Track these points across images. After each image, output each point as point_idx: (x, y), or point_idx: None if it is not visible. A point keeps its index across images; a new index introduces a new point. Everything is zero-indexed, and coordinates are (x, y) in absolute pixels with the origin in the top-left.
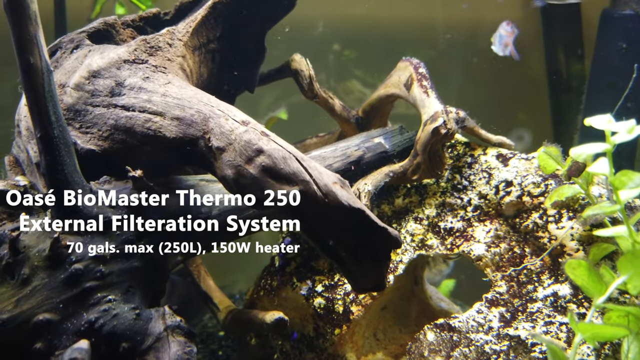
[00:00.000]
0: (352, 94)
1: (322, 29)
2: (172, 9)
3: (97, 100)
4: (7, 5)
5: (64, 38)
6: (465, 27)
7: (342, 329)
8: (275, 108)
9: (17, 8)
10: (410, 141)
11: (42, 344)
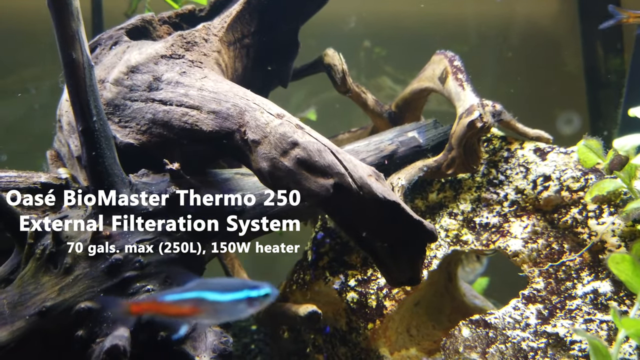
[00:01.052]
0: (383, 91)
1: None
2: (207, 5)
3: (136, 94)
4: (50, 2)
5: (103, 35)
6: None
7: (375, 324)
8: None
9: (60, 5)
10: (445, 135)
11: (84, 331)
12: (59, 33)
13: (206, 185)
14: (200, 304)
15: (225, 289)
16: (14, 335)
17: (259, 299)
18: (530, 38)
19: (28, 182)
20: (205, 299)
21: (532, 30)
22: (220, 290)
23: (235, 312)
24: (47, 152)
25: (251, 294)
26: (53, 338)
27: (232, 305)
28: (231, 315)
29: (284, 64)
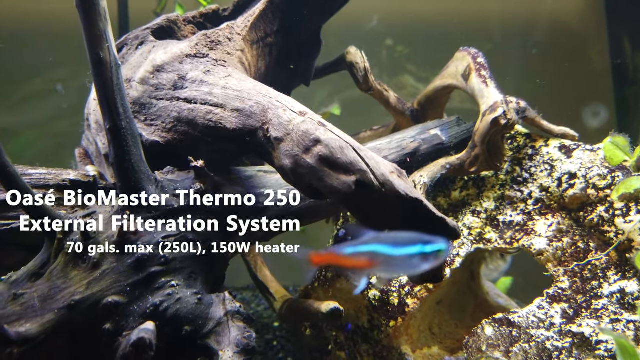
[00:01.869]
0: (405, 89)
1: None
2: (231, 5)
3: (161, 93)
4: (79, 3)
5: (129, 35)
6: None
7: (397, 322)
8: (328, 103)
9: (88, 5)
10: (468, 133)
11: (111, 325)
12: (87, 33)
13: (230, 182)
14: (375, 258)
15: (399, 243)
16: (44, 327)
17: (433, 255)
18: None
19: (57, 179)
20: (379, 253)
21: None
22: (394, 244)
23: (409, 267)
24: (75, 150)
25: (425, 249)
26: (81, 331)
27: (406, 260)
28: (405, 269)
29: (307, 62)
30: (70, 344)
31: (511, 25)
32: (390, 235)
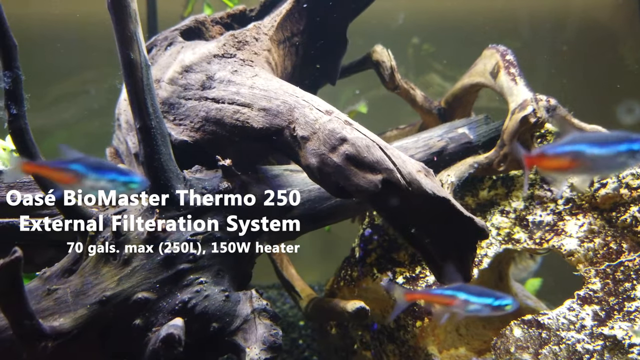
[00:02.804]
0: (432, 88)
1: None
2: (258, 5)
3: (189, 93)
4: (110, 5)
5: (158, 36)
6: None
7: (423, 322)
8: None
9: (119, 6)
10: (497, 131)
11: (141, 320)
12: (118, 34)
13: (256, 181)
14: (579, 157)
15: (604, 141)
16: (77, 322)
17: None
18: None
19: None
20: (584, 152)
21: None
22: (599, 143)
23: (615, 165)
24: (106, 150)
25: (634, 146)
26: (112, 326)
27: (612, 158)
28: (610, 168)
29: (333, 61)
30: (101, 339)
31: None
32: (592, 135)
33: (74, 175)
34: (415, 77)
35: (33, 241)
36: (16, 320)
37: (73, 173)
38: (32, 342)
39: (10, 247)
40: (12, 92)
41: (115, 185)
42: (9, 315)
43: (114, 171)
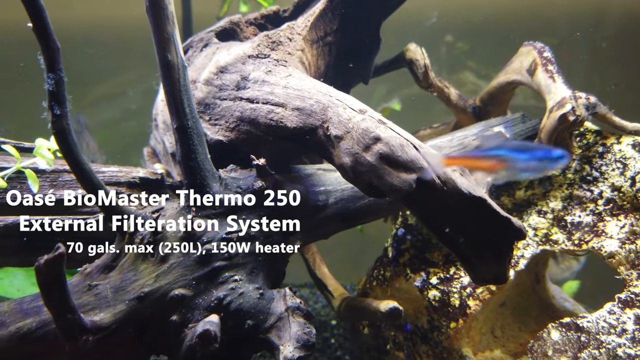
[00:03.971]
0: (466, 86)
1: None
2: (291, 6)
3: (225, 94)
4: (149, 8)
5: (194, 37)
6: (591, 10)
7: (458, 323)
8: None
9: (157, 9)
10: (534, 130)
11: (178, 317)
12: (156, 36)
13: (290, 180)
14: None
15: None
16: (116, 317)
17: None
18: (626, 27)
19: (128, 176)
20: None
21: (629, 18)
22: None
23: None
24: (144, 149)
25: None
26: (149, 322)
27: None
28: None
29: (366, 60)
30: (138, 334)
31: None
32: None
33: (498, 161)
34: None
35: (74, 238)
36: (59, 315)
37: (498, 159)
38: (74, 335)
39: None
40: (55, 93)
41: (544, 163)
42: (53, 310)
43: (538, 150)
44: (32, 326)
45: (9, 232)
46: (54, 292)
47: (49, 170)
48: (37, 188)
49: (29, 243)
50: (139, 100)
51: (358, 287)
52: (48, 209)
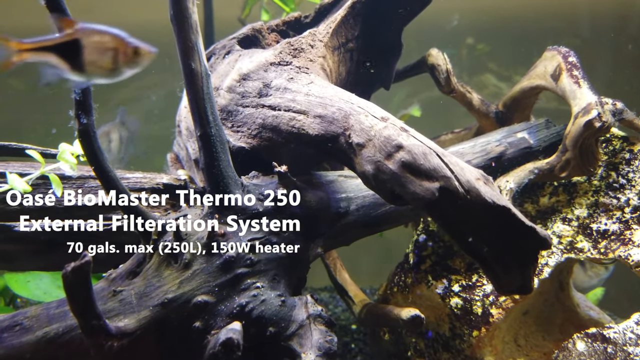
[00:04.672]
0: (487, 89)
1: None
2: (312, 12)
3: (247, 101)
4: (173, 16)
5: (217, 44)
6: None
7: (480, 332)
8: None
9: (181, 18)
10: (558, 136)
11: (200, 323)
12: (180, 45)
13: (311, 186)
14: None
15: None
16: (140, 323)
17: None
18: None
19: (152, 182)
20: None
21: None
22: None
23: None
24: (167, 155)
25: None
26: (172, 328)
27: None
28: None
29: (387, 66)
30: (162, 340)
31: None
32: None
33: None
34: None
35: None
36: (85, 320)
37: None
38: (99, 341)
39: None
40: (82, 102)
41: None
42: (79, 316)
43: None
44: (58, 331)
45: (36, 236)
46: (80, 299)
47: (75, 176)
48: (60, 193)
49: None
50: (161, 104)
51: (378, 292)
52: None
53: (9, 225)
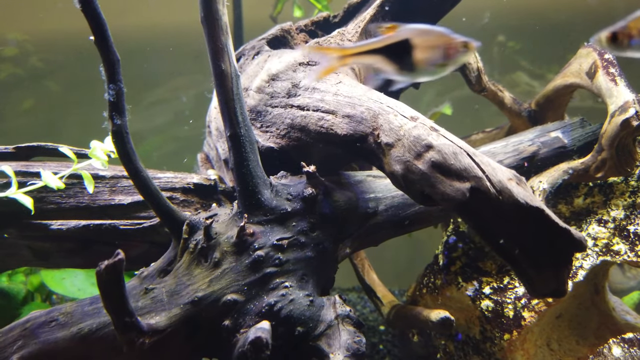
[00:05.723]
0: (519, 87)
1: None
2: (341, 12)
3: (276, 101)
4: (203, 19)
5: (246, 45)
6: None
7: (512, 335)
8: (437, 103)
9: (212, 20)
10: (594, 135)
11: (230, 322)
12: (210, 46)
13: (340, 186)
14: None
15: None
16: (171, 320)
17: None
18: None
19: (183, 182)
20: None
21: None
22: None
23: None
24: (197, 155)
25: None
26: (202, 326)
27: None
28: None
29: None
30: (192, 337)
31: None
32: None
33: None
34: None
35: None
36: (118, 317)
37: None
38: (131, 338)
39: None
40: (115, 103)
41: None
42: (112, 313)
43: None
44: (92, 327)
45: (71, 235)
46: (114, 296)
47: (108, 176)
48: (92, 189)
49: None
50: (191, 104)
51: (407, 293)
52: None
53: (46, 223)
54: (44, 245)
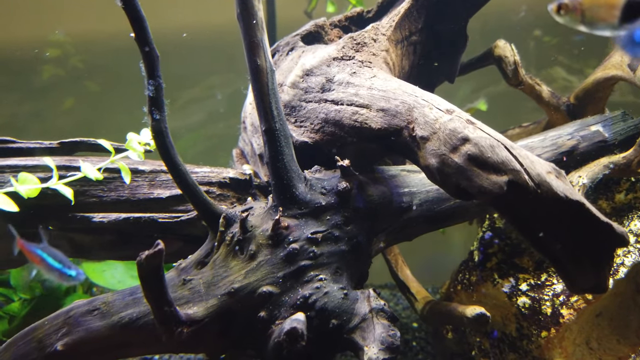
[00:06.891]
0: (556, 82)
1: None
2: (375, 6)
3: (310, 96)
4: (239, 14)
5: (281, 42)
6: None
7: (549, 332)
8: (472, 99)
9: (248, 16)
10: (636, 129)
11: (265, 313)
12: (246, 42)
13: (374, 181)
14: None
15: None
16: (208, 311)
17: None
18: None
19: (219, 177)
20: None
21: None
22: None
23: None
24: (232, 151)
25: None
26: (237, 316)
27: None
28: None
29: (452, 58)
30: (228, 328)
31: None
32: None
33: None
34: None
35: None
36: (157, 307)
37: None
38: (170, 327)
39: (150, 239)
40: (154, 99)
41: None
42: (152, 302)
43: None
44: (132, 316)
45: (111, 227)
46: (153, 286)
47: (147, 170)
48: (129, 179)
49: (129, 238)
50: (225, 103)
51: (441, 290)
52: (146, 206)
53: (88, 216)
54: (84, 238)
